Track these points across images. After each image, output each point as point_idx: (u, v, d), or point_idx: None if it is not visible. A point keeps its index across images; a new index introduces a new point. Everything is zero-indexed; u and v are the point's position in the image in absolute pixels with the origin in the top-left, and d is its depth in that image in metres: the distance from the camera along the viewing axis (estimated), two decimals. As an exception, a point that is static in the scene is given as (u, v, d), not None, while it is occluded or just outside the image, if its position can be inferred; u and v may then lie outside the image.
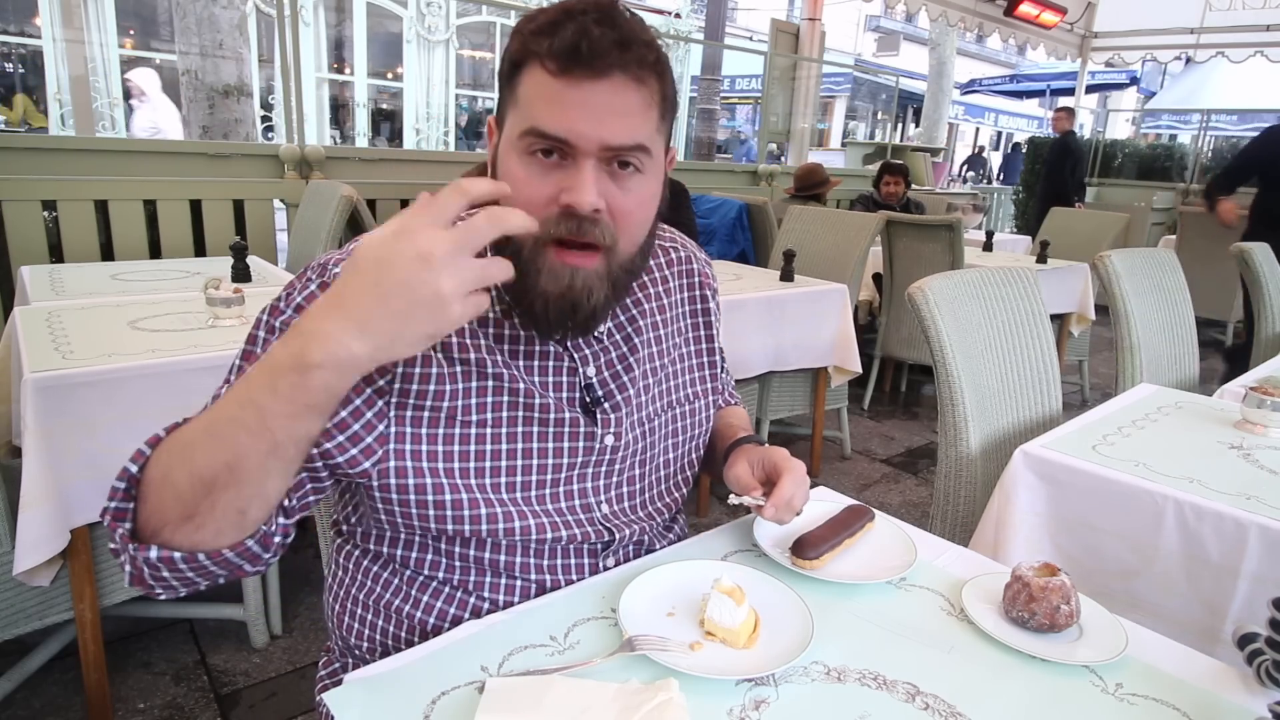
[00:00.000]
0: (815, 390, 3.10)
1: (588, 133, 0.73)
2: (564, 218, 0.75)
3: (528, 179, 0.75)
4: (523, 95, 0.75)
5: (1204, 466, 1.29)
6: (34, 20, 9.27)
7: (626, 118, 0.74)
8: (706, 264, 1.07)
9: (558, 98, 0.73)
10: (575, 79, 0.72)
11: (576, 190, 0.74)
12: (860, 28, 20.04)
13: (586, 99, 0.73)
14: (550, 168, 0.75)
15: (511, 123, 0.77)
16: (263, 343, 0.79)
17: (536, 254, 0.76)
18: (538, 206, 0.75)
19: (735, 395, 1.19)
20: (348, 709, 0.67)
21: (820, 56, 6.18)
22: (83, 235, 2.93)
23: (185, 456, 0.65)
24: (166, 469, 0.66)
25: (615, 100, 0.74)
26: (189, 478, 0.64)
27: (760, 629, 0.79)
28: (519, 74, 0.76)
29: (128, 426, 1.51)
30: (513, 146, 0.76)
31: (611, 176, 0.76)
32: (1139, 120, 16.49)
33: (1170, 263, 2.32)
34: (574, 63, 0.72)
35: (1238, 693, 0.76)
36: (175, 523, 0.66)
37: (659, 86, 0.77)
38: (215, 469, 0.63)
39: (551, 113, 0.73)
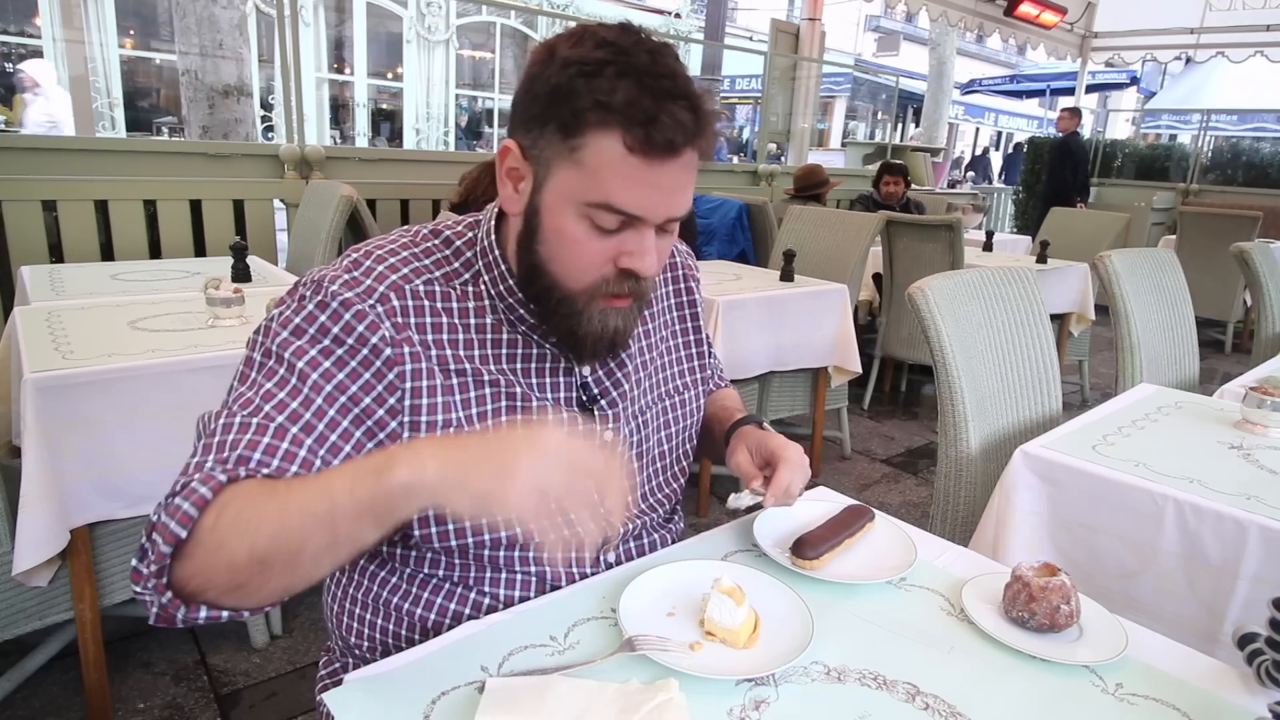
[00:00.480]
0: (815, 390, 3.10)
1: (660, 210, 0.75)
2: (622, 278, 0.78)
3: (588, 241, 0.76)
4: (592, 161, 0.73)
5: (1204, 466, 1.29)
6: (34, 20, 9.27)
7: (688, 189, 0.77)
8: (689, 255, 1.09)
9: (637, 177, 0.73)
10: (657, 161, 0.72)
11: (642, 259, 0.77)
12: (860, 28, 20.04)
13: (661, 179, 0.74)
14: (611, 232, 0.76)
15: (571, 181, 0.74)
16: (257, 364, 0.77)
17: (589, 305, 0.79)
18: (595, 267, 0.78)
19: (724, 378, 1.21)
20: (348, 709, 0.67)
21: (820, 56, 6.18)
22: (83, 235, 2.93)
23: (248, 533, 0.64)
24: (223, 539, 0.65)
25: (684, 176, 0.76)
26: (248, 553, 0.64)
27: (760, 629, 0.79)
28: (584, 132, 0.72)
29: (128, 426, 1.51)
30: (571, 206, 0.75)
31: (658, 233, 0.78)
32: (1139, 120, 16.48)
33: (1170, 263, 2.32)
34: (662, 152, 0.72)
35: (1238, 693, 0.75)
36: (222, 590, 0.66)
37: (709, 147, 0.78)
38: (275, 552, 0.64)
39: (630, 192, 0.73)
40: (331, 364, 0.76)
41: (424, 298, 0.82)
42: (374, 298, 0.78)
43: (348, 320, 0.77)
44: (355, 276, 0.79)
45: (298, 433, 0.73)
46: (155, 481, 1.56)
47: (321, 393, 0.75)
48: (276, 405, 0.73)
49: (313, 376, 0.75)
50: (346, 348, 0.77)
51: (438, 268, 0.84)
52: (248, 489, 0.67)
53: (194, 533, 0.65)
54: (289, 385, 0.74)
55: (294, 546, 0.63)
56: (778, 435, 0.97)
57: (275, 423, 0.72)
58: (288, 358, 0.76)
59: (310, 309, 0.77)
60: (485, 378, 0.83)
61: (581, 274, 0.78)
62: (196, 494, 0.66)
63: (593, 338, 0.81)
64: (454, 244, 0.86)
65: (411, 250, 0.84)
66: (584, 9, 13.05)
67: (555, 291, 0.79)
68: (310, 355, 0.75)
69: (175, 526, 0.64)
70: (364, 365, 0.77)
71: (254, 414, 0.73)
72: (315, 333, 0.76)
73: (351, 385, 0.77)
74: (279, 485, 0.67)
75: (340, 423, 0.76)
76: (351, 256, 0.82)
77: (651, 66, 0.72)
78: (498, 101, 13.67)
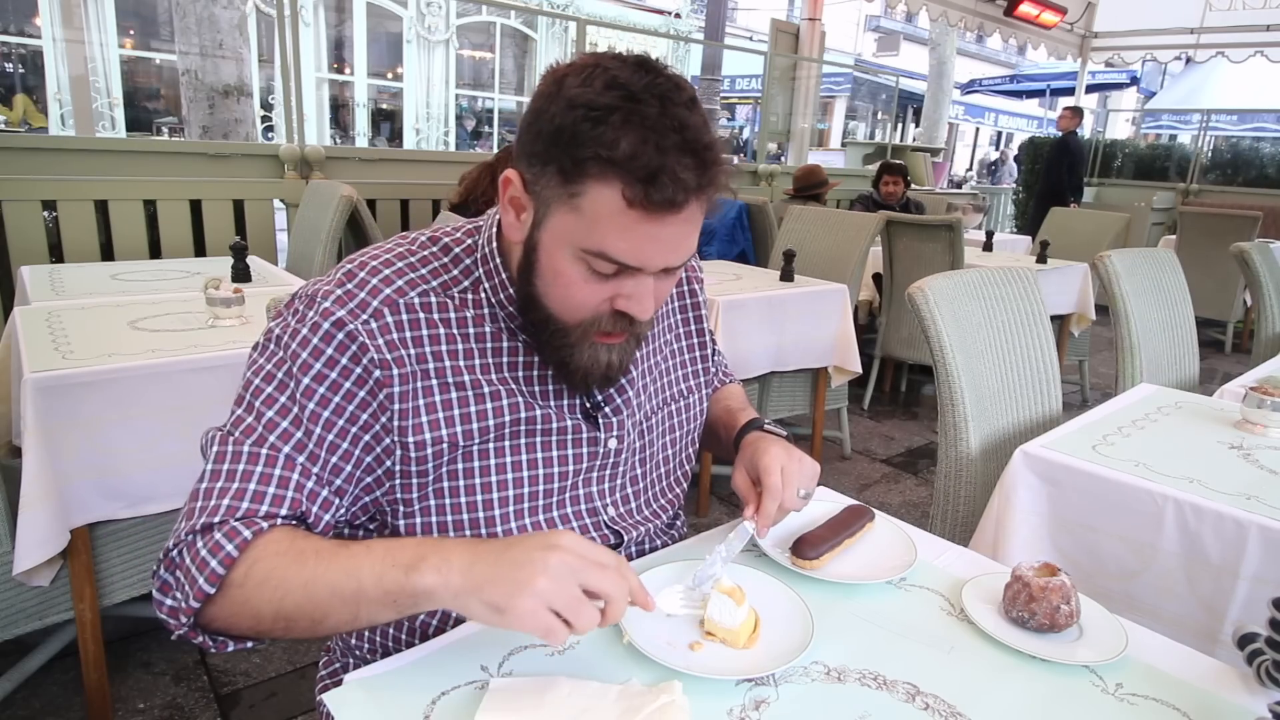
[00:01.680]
0: (815, 390, 3.10)
1: (657, 261, 0.74)
2: (616, 318, 0.78)
3: (584, 284, 0.76)
4: (590, 210, 0.71)
5: (1204, 466, 1.29)
6: (34, 20, 9.27)
7: (691, 239, 0.75)
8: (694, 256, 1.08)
9: (636, 231, 0.71)
10: (658, 217, 0.71)
11: (638, 303, 0.77)
12: (860, 28, 20.03)
13: (661, 233, 0.72)
14: (608, 277, 0.75)
15: (569, 226, 0.73)
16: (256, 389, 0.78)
17: (582, 340, 0.79)
18: (590, 307, 0.77)
19: (730, 373, 1.20)
20: (348, 709, 0.67)
21: (820, 56, 6.18)
22: (83, 235, 2.93)
23: (275, 597, 0.68)
24: (249, 597, 0.69)
25: (686, 228, 0.74)
26: (273, 613, 0.69)
27: (760, 629, 0.79)
28: (584, 179, 0.70)
29: (128, 426, 1.51)
30: (567, 249, 0.74)
31: (657, 276, 0.77)
32: (1139, 120, 16.48)
33: (1170, 263, 2.32)
34: (662, 209, 0.70)
35: (1238, 693, 0.76)
36: (244, 632, 0.72)
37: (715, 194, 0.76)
38: (300, 614, 0.68)
39: (627, 244, 0.72)
40: (326, 389, 0.77)
41: (419, 310, 0.81)
42: (367, 313, 0.78)
43: (340, 340, 0.77)
44: (349, 290, 0.79)
45: (304, 461, 0.76)
46: (155, 481, 1.56)
47: (320, 420, 0.76)
48: (281, 435, 0.76)
49: (310, 405, 0.76)
50: (340, 369, 0.77)
51: (435, 277, 0.83)
52: (274, 549, 0.70)
53: (221, 587, 0.70)
54: (290, 414, 0.76)
55: (317, 616, 0.68)
56: (772, 448, 0.93)
57: (282, 453, 0.75)
58: (285, 382, 0.77)
59: (304, 332, 0.77)
60: (486, 388, 0.83)
61: (576, 312, 0.78)
62: (223, 551, 0.69)
63: (584, 371, 0.81)
64: (453, 251, 0.86)
65: (408, 260, 0.83)
66: (584, 9, 13.05)
67: (550, 324, 0.79)
68: (305, 383, 0.76)
69: (204, 583, 0.69)
70: (358, 385, 0.78)
71: (259, 444, 0.75)
72: (309, 357, 0.77)
73: (348, 406, 0.77)
74: (308, 554, 0.70)
75: (340, 445, 0.78)
76: (346, 268, 0.82)
77: (659, 119, 0.68)
78: (497, 101, 13.67)
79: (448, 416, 0.81)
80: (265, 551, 0.70)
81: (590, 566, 0.64)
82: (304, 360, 0.77)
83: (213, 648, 0.73)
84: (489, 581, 0.64)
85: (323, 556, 0.69)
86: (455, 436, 0.81)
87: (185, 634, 0.72)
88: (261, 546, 0.70)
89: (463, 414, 0.82)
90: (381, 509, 0.85)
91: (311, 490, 0.76)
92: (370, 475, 0.81)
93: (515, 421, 0.84)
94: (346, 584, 0.66)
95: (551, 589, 0.62)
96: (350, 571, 0.67)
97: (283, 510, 0.74)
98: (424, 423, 0.80)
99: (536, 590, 0.62)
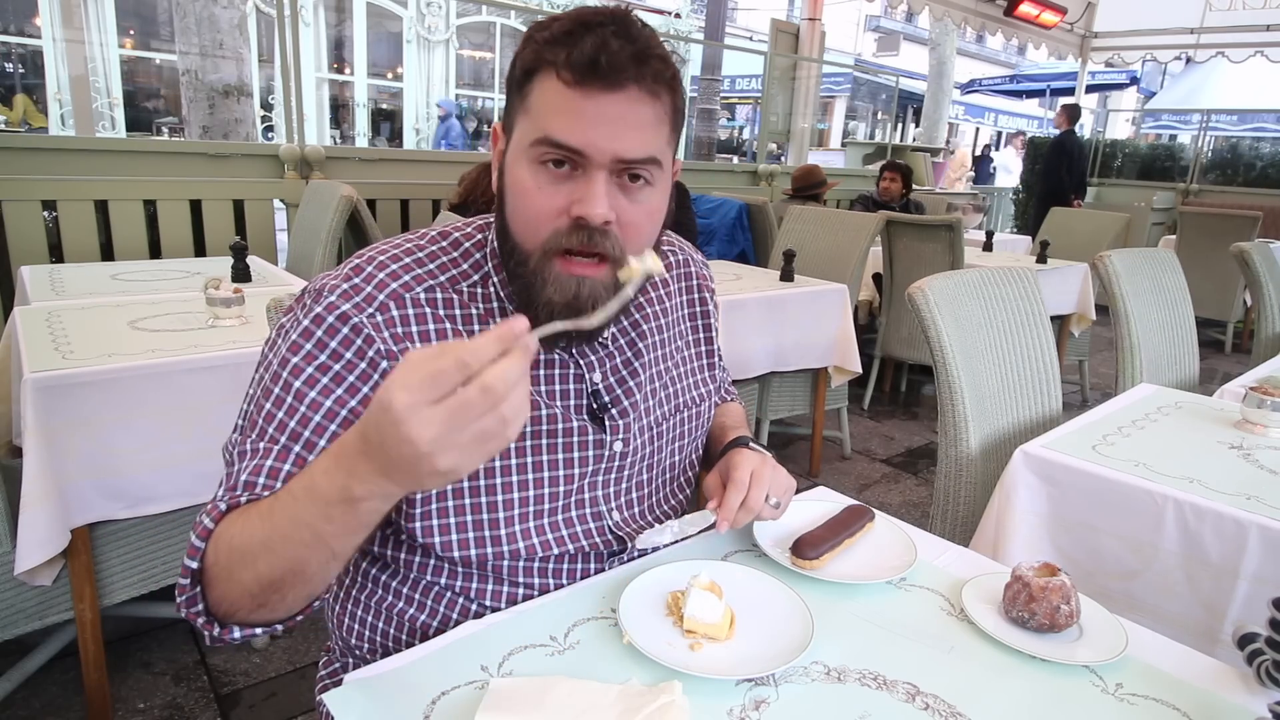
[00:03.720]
0: (815, 390, 3.10)
1: (601, 145, 0.73)
2: (574, 229, 0.75)
3: (538, 188, 0.75)
4: (535, 103, 0.74)
5: (1204, 466, 1.29)
6: (34, 20, 9.28)
7: (640, 131, 0.74)
8: (704, 265, 1.08)
9: (573, 109, 0.72)
10: (591, 91, 0.72)
11: (588, 202, 0.73)
12: (860, 28, 20.05)
13: (602, 111, 0.72)
14: (561, 178, 0.74)
15: (522, 130, 0.76)
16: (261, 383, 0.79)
17: (544, 264, 0.76)
18: (547, 216, 0.75)
19: (732, 391, 1.19)
20: (348, 709, 0.67)
21: (820, 56, 6.18)
22: (83, 235, 2.93)
23: (247, 563, 0.67)
24: (229, 568, 0.68)
25: (630, 113, 0.73)
26: (255, 580, 0.67)
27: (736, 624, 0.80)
28: (531, 81, 0.75)
29: (128, 426, 1.51)
30: (523, 154, 0.75)
31: (622, 189, 0.76)
32: (1139, 120, 16.48)
33: (1170, 263, 2.32)
34: (591, 75, 0.71)
35: (1238, 693, 0.76)
36: (248, 609, 0.69)
37: (672, 100, 0.77)
38: (280, 573, 0.66)
39: (566, 123, 0.72)
40: (330, 380, 0.76)
41: (425, 305, 0.81)
42: (373, 306, 0.78)
43: (345, 334, 0.77)
44: (356, 284, 0.79)
45: (300, 451, 0.75)
46: (155, 482, 1.56)
47: (320, 410, 0.76)
48: (278, 426, 0.76)
49: (310, 395, 0.76)
50: (344, 362, 0.77)
51: (443, 272, 0.83)
52: (234, 519, 0.69)
53: (204, 564, 0.69)
54: (285, 404, 0.76)
55: (296, 568, 0.66)
56: (750, 456, 0.92)
57: (279, 444, 0.75)
58: (286, 376, 0.77)
59: (307, 324, 0.78)
60: None
61: (535, 226, 0.76)
62: (201, 525, 0.70)
63: (557, 308, 0.75)
64: (463, 245, 0.86)
65: (415, 256, 0.83)
66: (584, 9, 13.03)
67: (517, 253, 0.78)
68: (308, 373, 0.76)
69: (187, 560, 0.69)
70: (362, 380, 0.77)
71: (260, 438, 0.76)
72: (312, 348, 0.77)
73: (351, 399, 0.77)
74: (252, 516, 0.68)
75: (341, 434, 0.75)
76: (354, 263, 0.82)
77: (595, 12, 0.73)
78: (497, 101, 13.67)
79: None
80: (230, 522, 0.69)
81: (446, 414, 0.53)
82: (308, 351, 0.77)
83: (223, 632, 0.71)
84: (416, 478, 0.57)
85: (265, 515, 0.66)
86: None
87: (206, 626, 0.70)
88: (228, 519, 0.70)
89: None
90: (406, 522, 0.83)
91: None
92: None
93: None
94: (301, 533, 0.63)
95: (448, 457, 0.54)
96: (296, 521, 0.64)
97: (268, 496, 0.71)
98: None
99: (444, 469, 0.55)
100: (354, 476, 0.60)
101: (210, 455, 1.58)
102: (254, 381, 0.81)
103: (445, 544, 0.83)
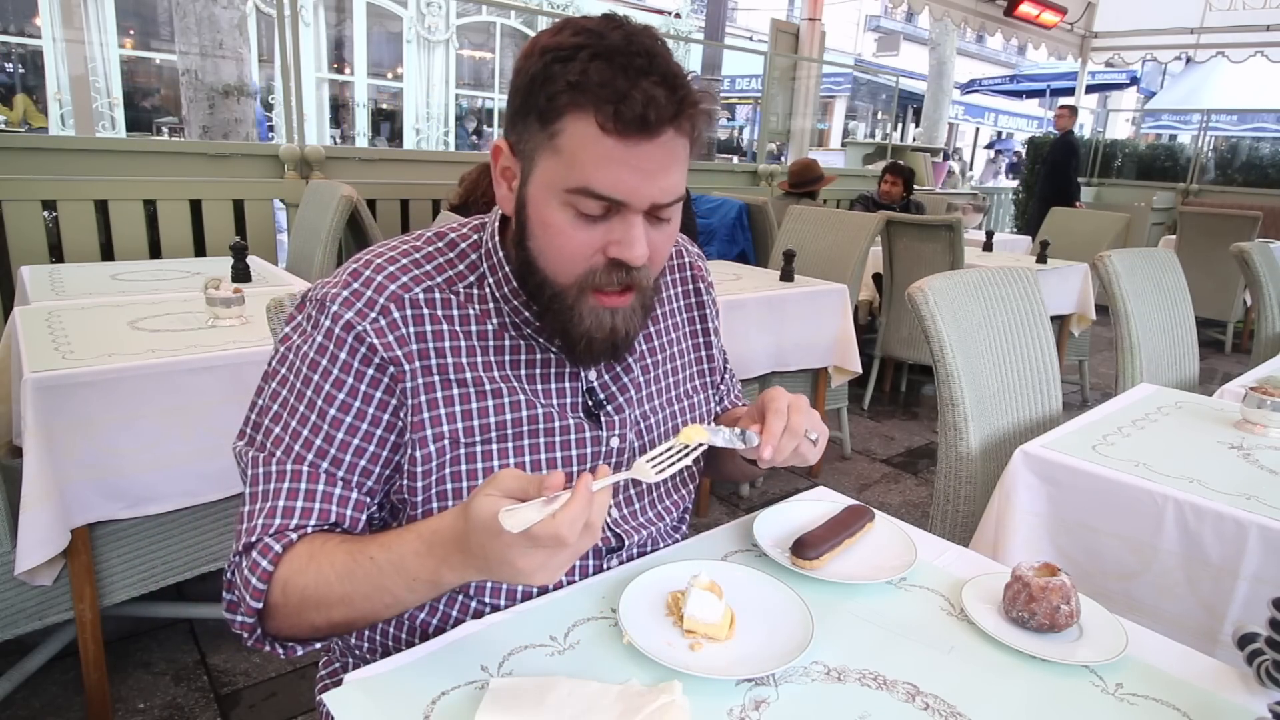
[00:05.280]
0: (815, 390, 3.10)
1: (641, 193, 0.73)
2: (611, 268, 0.76)
3: (574, 232, 0.75)
4: (569, 147, 0.72)
5: (1204, 466, 1.29)
6: (34, 20, 9.27)
7: (675, 174, 0.75)
8: (699, 257, 1.08)
9: (615, 159, 0.71)
10: (633, 141, 0.71)
11: (628, 245, 0.74)
12: (860, 28, 20.04)
13: (641, 161, 0.72)
14: (596, 220, 0.75)
15: (551, 170, 0.74)
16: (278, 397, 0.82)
17: (580, 300, 0.78)
18: (583, 257, 0.76)
19: (742, 397, 1.18)
20: (348, 709, 0.67)
21: (820, 56, 6.18)
22: (83, 235, 2.93)
23: (320, 611, 0.74)
24: (298, 611, 0.75)
25: (668, 159, 0.74)
26: (327, 623, 0.75)
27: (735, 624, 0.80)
28: (562, 120, 0.72)
29: (128, 426, 1.51)
30: (553, 196, 0.74)
31: (652, 224, 0.77)
32: (1139, 120, 16.48)
33: (1170, 263, 2.32)
34: (637, 129, 0.70)
35: (1238, 693, 0.76)
36: (308, 637, 0.78)
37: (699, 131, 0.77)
38: (352, 620, 0.75)
39: (610, 176, 0.72)
40: (346, 394, 0.79)
41: (424, 306, 0.81)
42: (375, 310, 0.79)
43: (350, 343, 0.78)
44: (355, 290, 0.80)
45: (328, 468, 0.79)
46: (155, 481, 1.56)
47: (342, 426, 0.79)
48: (304, 444, 0.79)
49: (331, 411, 0.79)
50: (355, 372, 0.79)
51: (440, 273, 0.84)
52: (302, 567, 0.74)
53: (268, 605, 0.75)
54: (310, 422, 0.79)
55: (368, 618, 0.75)
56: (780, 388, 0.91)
57: (306, 463, 0.79)
58: (309, 394, 0.79)
59: (320, 339, 0.79)
60: (488, 386, 0.83)
61: (569, 265, 0.76)
62: (260, 569, 0.74)
63: (587, 338, 0.79)
64: (459, 246, 0.86)
65: (412, 257, 0.84)
66: (583, 9, 13.05)
67: (547, 288, 0.78)
68: (326, 390, 0.79)
69: (250, 601, 0.75)
70: (373, 385, 0.79)
71: (286, 455, 0.79)
72: (327, 364, 0.79)
73: (368, 409, 0.79)
74: (329, 573, 0.73)
75: (367, 448, 0.80)
76: (351, 267, 0.82)
77: (625, 46, 0.71)
78: (497, 101, 13.67)
79: (449, 413, 0.81)
80: (292, 573, 0.74)
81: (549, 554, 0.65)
82: (324, 367, 0.78)
83: (283, 654, 0.79)
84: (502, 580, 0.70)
85: (343, 577, 0.73)
86: (456, 434, 0.81)
87: (258, 644, 0.77)
88: (287, 565, 0.74)
89: (464, 410, 0.82)
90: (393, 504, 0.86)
91: (341, 496, 0.79)
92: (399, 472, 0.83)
93: (517, 420, 0.84)
94: (383, 597, 0.72)
95: (544, 576, 0.66)
96: (379, 588, 0.72)
97: (311, 521, 0.77)
98: (425, 419, 0.80)
99: (539, 582, 0.67)
100: (447, 565, 0.69)
101: (210, 455, 1.59)
102: (268, 391, 0.82)
103: None
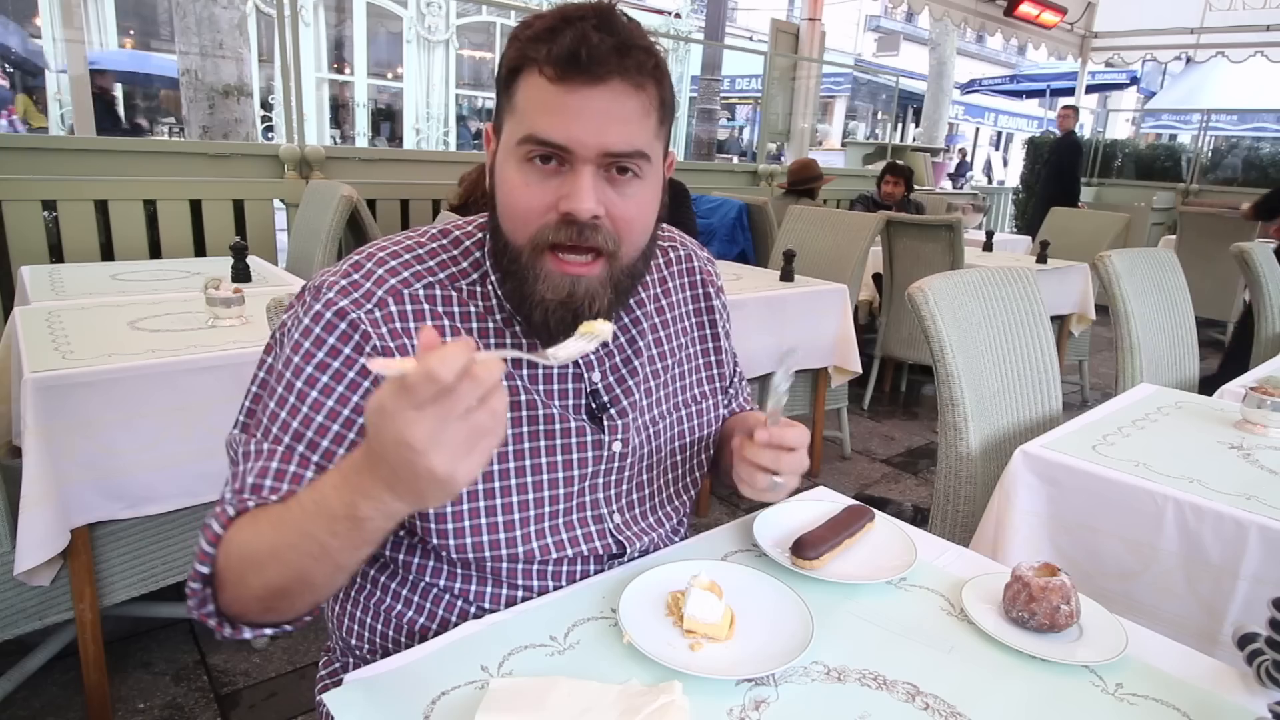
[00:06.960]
0: (815, 390, 3.10)
1: (587, 140, 0.72)
2: (563, 224, 0.74)
3: (526, 186, 0.75)
4: (520, 102, 0.74)
5: (1204, 466, 1.29)
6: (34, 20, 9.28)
7: (625, 124, 0.74)
8: (709, 261, 1.06)
9: (556, 105, 0.72)
10: (574, 86, 0.72)
11: (574, 197, 0.73)
12: (860, 28, 20.05)
13: (585, 106, 0.72)
14: (548, 174, 0.74)
15: (509, 130, 0.76)
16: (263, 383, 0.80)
17: (535, 260, 0.76)
18: (536, 213, 0.75)
19: (751, 401, 1.17)
20: (348, 709, 0.67)
21: (820, 56, 6.18)
22: (83, 235, 2.93)
23: (256, 570, 0.68)
24: (239, 574, 0.69)
25: (614, 107, 0.73)
26: (264, 587, 0.68)
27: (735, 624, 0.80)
28: (516, 81, 0.75)
29: (128, 426, 1.51)
30: (510, 153, 0.76)
31: (610, 183, 0.75)
32: (1139, 120, 16.49)
33: (1170, 263, 2.32)
34: (573, 69, 0.71)
35: (1238, 693, 0.76)
36: (257, 612, 0.71)
37: (657, 92, 0.76)
38: (287, 582, 0.67)
39: (550, 120, 0.72)
40: (329, 379, 0.77)
41: (424, 301, 0.81)
42: (371, 303, 0.78)
43: (343, 330, 0.77)
44: (355, 280, 0.79)
45: (303, 451, 0.76)
46: (155, 481, 1.56)
47: (322, 410, 0.76)
48: (281, 426, 0.76)
49: (312, 395, 0.76)
50: (343, 359, 0.77)
51: (442, 269, 0.84)
52: (244, 525, 0.70)
53: (215, 568, 0.70)
54: (288, 404, 0.77)
55: (302, 577, 0.67)
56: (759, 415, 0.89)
57: (283, 445, 0.76)
58: (289, 376, 0.77)
59: (307, 322, 0.78)
60: None
61: (524, 223, 0.76)
62: (211, 530, 0.70)
63: (551, 307, 0.76)
64: (463, 244, 0.86)
65: (415, 252, 0.84)
66: (584, 9, 13.03)
67: (509, 250, 0.78)
68: (308, 372, 0.77)
69: (198, 565, 0.70)
70: (362, 375, 0.77)
71: (264, 437, 0.76)
72: (311, 347, 0.77)
73: (353, 396, 0.77)
74: (262, 524, 0.69)
75: (347, 435, 0.77)
76: (353, 259, 0.82)
77: (577, 7, 0.73)
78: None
79: None
80: (238, 529, 0.70)
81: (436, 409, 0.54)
82: (306, 349, 0.77)
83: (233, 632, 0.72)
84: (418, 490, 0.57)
85: (275, 525, 0.67)
86: None
87: (218, 626, 0.72)
88: (236, 525, 0.70)
89: None
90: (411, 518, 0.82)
91: (311, 479, 0.75)
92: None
93: (517, 420, 0.84)
94: (307, 545, 0.64)
95: (443, 455, 0.55)
96: (303, 534, 0.64)
97: (274, 499, 0.73)
98: None
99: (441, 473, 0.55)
100: (360, 492, 0.60)
101: (210, 455, 1.59)
102: (255, 378, 0.81)
103: (459, 546, 0.83)
